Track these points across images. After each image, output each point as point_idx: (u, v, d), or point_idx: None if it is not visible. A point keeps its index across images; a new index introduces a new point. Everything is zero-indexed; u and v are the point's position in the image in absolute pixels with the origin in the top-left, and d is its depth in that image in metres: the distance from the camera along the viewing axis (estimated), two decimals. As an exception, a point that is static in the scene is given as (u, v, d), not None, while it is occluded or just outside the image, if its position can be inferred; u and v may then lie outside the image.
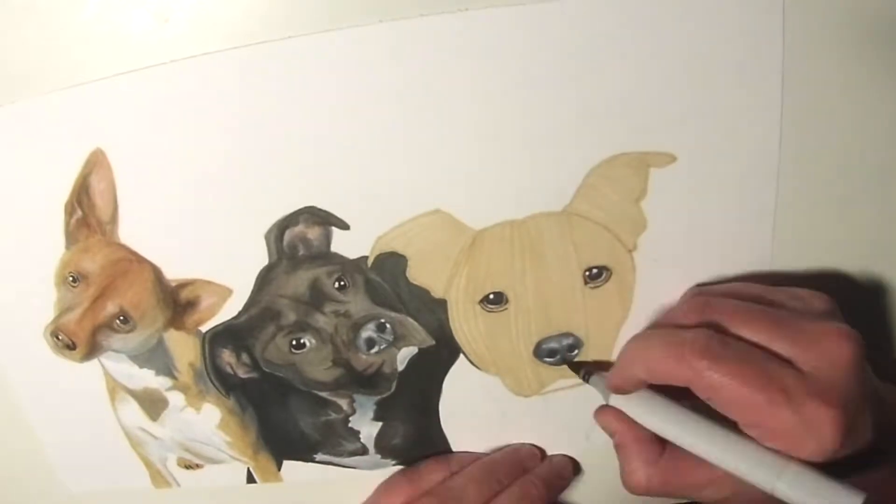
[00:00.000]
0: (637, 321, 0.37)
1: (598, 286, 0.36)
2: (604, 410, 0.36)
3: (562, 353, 0.38)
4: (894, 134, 0.34)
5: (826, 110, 0.34)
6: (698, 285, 0.36)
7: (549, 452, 0.40)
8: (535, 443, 0.40)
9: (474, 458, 0.40)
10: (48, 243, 0.36)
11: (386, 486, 0.39)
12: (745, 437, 0.31)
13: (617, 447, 0.35)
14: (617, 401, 0.35)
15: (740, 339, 0.31)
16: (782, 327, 0.31)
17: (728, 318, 0.32)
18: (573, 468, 0.41)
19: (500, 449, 0.40)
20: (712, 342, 0.31)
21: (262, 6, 0.32)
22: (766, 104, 0.34)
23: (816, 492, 0.29)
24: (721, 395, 0.30)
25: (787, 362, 0.30)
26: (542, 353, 0.37)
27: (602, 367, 0.37)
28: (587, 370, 0.37)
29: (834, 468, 0.30)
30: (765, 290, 0.34)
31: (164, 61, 0.33)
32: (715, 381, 0.30)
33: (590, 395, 0.38)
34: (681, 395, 0.33)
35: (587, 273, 0.36)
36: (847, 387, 0.30)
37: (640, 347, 0.34)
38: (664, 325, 0.35)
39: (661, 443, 0.34)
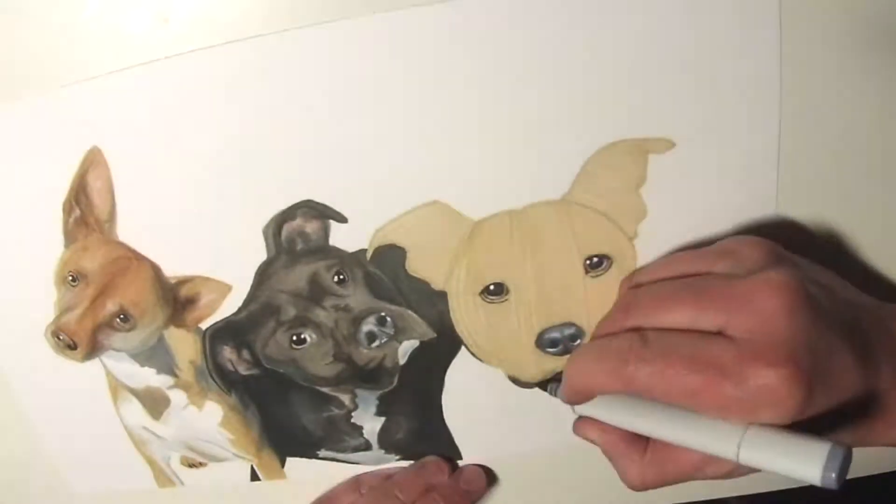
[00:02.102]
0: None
1: (598, 275, 0.36)
2: (578, 423, 0.35)
3: (564, 343, 0.37)
4: (893, 117, 0.34)
5: (826, 94, 0.34)
6: (633, 272, 0.36)
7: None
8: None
9: (383, 478, 0.40)
10: (47, 243, 0.36)
11: None
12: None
13: (605, 454, 0.35)
14: (581, 409, 0.35)
15: (666, 329, 0.30)
16: (705, 299, 0.30)
17: (650, 310, 0.31)
18: (484, 478, 0.40)
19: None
20: (634, 345, 0.30)
21: (261, 6, 0.32)
22: (766, 88, 0.33)
23: (778, 450, 0.28)
24: (658, 391, 0.29)
25: (718, 335, 0.29)
26: (544, 343, 0.37)
27: None
28: (552, 385, 0.37)
29: (832, 421, 0.29)
30: (692, 257, 0.33)
31: (164, 62, 0.32)
32: (646, 381, 0.29)
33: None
34: None
35: (588, 262, 0.36)
36: (792, 338, 0.27)
37: (576, 365, 0.33)
38: (600, 332, 0.35)
39: (644, 440, 0.34)
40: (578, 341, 0.37)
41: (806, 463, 0.27)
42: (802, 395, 0.27)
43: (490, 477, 0.41)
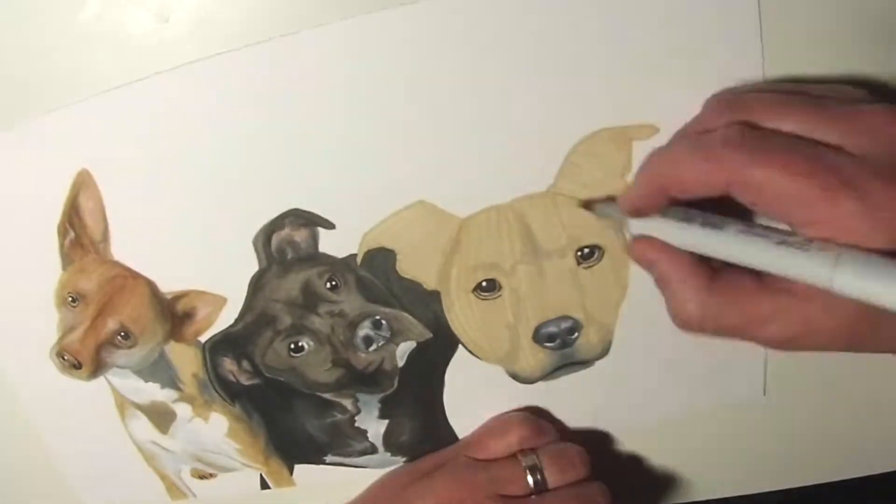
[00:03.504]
0: (636, 299, 0.37)
1: (591, 266, 0.36)
2: (637, 242, 0.31)
3: (561, 337, 0.37)
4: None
5: (808, 68, 0.33)
6: (722, 91, 0.32)
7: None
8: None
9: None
10: (46, 266, 0.37)
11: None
12: (796, 236, 0.27)
13: (659, 281, 0.31)
14: (639, 227, 0.31)
15: (779, 132, 0.27)
16: (826, 113, 0.27)
17: (762, 112, 0.28)
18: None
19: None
20: (747, 134, 0.27)
21: (262, 7, 0.32)
22: (747, 71, 0.33)
23: (882, 275, 0.24)
24: (767, 194, 0.26)
25: (837, 149, 0.26)
26: (541, 338, 0.37)
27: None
28: (599, 204, 0.34)
29: None
30: (799, 85, 0.30)
31: (164, 62, 0.33)
32: (758, 177, 0.26)
33: (595, 377, 0.38)
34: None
35: (579, 253, 0.36)
36: None
37: (662, 156, 0.29)
38: (687, 132, 0.31)
39: (711, 269, 0.30)
40: (576, 334, 0.37)
41: None
42: None
43: None
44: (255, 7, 0.32)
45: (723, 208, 0.29)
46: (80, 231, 0.36)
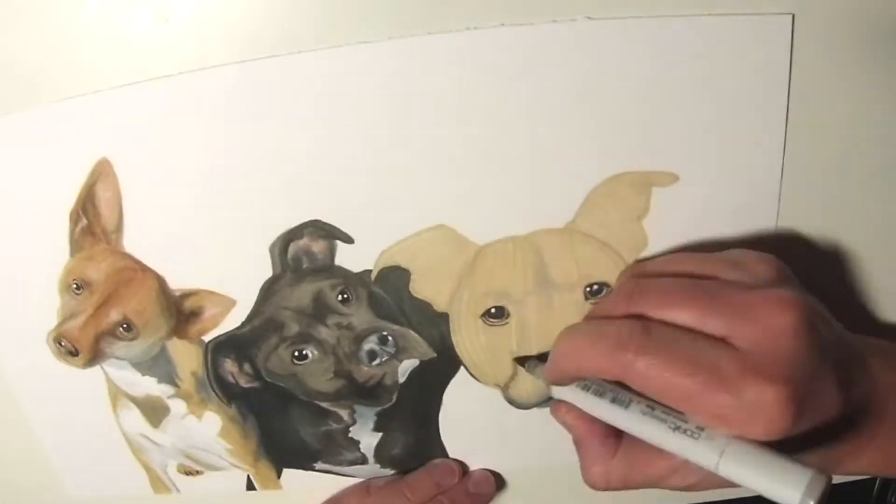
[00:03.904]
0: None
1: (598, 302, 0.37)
2: (557, 407, 0.34)
3: (562, 368, 0.38)
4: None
5: (831, 133, 0.34)
6: (636, 261, 0.35)
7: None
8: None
9: (393, 479, 0.40)
10: (53, 250, 0.36)
11: None
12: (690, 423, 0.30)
13: (574, 444, 0.34)
14: (561, 392, 0.34)
15: (669, 323, 0.29)
16: (714, 304, 0.29)
17: (656, 302, 0.30)
18: (493, 483, 0.41)
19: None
20: (635, 333, 0.29)
21: (262, 7, 0.32)
22: (770, 125, 0.34)
23: (760, 469, 0.27)
24: (653, 386, 0.28)
25: (721, 341, 0.28)
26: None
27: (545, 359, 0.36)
28: (531, 363, 0.37)
29: (801, 442, 0.29)
30: (701, 260, 0.32)
31: (164, 62, 0.33)
32: (643, 372, 0.28)
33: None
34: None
35: (588, 289, 0.37)
36: (793, 358, 0.27)
37: (568, 343, 0.32)
38: (597, 315, 0.33)
39: (618, 436, 0.33)
40: (576, 366, 0.38)
41: (787, 486, 0.27)
42: (793, 415, 0.27)
43: (498, 483, 0.42)
44: (255, 7, 0.32)
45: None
46: (93, 219, 0.36)
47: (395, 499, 0.39)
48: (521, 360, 0.37)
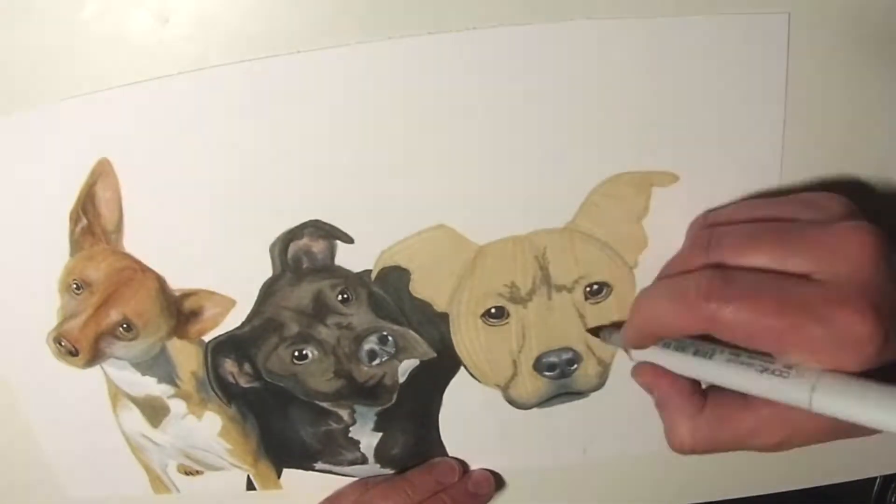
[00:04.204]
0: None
1: (598, 302, 0.37)
2: (638, 368, 0.34)
3: (561, 367, 0.38)
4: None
5: (829, 132, 0.34)
6: (706, 212, 0.34)
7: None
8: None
9: (389, 478, 0.40)
10: (53, 250, 0.36)
11: None
12: (777, 363, 0.29)
13: (658, 405, 0.33)
14: (640, 354, 0.33)
15: (750, 268, 0.29)
16: (792, 242, 0.29)
17: (733, 249, 0.30)
18: (493, 483, 0.41)
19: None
20: (716, 282, 0.29)
21: (262, 7, 0.32)
22: (769, 124, 0.34)
23: (857, 397, 0.26)
24: (742, 334, 0.28)
25: (804, 278, 0.28)
26: (541, 366, 0.38)
27: (620, 326, 0.36)
28: (606, 331, 0.36)
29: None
30: (773, 203, 0.32)
31: (164, 62, 0.33)
32: (729, 321, 0.28)
33: (588, 407, 0.39)
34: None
35: (588, 289, 0.37)
36: (877, 287, 0.27)
37: (648, 304, 0.32)
38: (671, 271, 0.33)
39: (703, 395, 0.32)
40: (575, 366, 0.38)
41: (888, 409, 0.26)
42: (882, 342, 0.27)
43: (498, 483, 0.42)
44: (255, 7, 0.32)
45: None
46: (93, 219, 0.36)
47: (395, 495, 0.39)
48: (595, 331, 0.37)
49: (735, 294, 0.28)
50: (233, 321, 0.37)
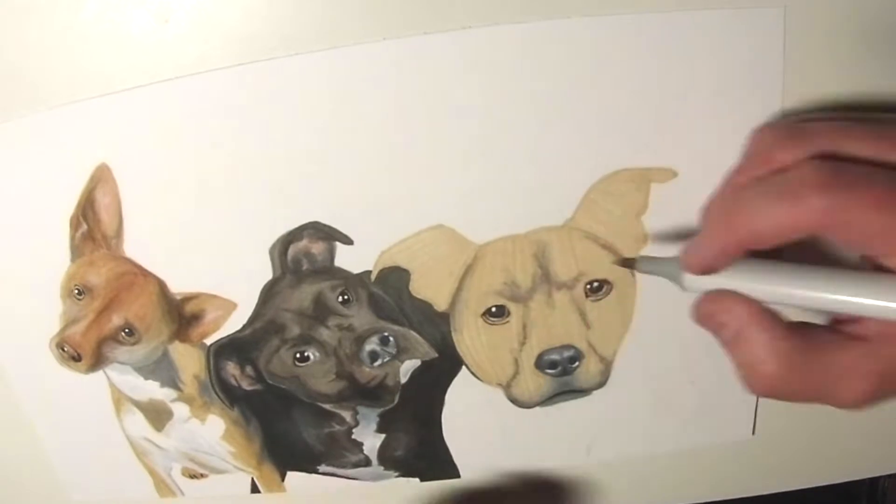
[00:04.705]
0: (638, 334, 0.38)
1: (599, 299, 0.37)
2: (708, 299, 0.29)
3: (563, 365, 0.38)
4: None
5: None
6: (767, 123, 0.30)
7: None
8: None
9: None
10: (54, 256, 0.37)
11: None
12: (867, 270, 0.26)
13: (731, 343, 0.28)
14: (699, 282, 0.29)
15: (855, 159, 0.26)
16: (890, 135, 0.26)
17: (833, 140, 0.26)
18: None
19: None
20: (826, 171, 0.25)
21: (261, 8, 0.32)
22: (766, 118, 0.34)
23: None
24: (857, 231, 0.25)
25: None
26: (543, 364, 0.38)
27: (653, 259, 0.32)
28: (642, 261, 0.32)
29: None
30: (849, 115, 0.29)
31: (163, 62, 0.33)
32: (845, 216, 0.24)
33: (591, 405, 0.39)
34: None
35: (588, 287, 0.36)
36: None
37: (733, 206, 0.27)
38: (739, 178, 0.29)
39: (788, 326, 0.28)
40: (577, 363, 0.38)
41: None
42: None
43: (499, 483, 0.41)
44: (255, 8, 0.32)
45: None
46: (93, 225, 0.36)
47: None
48: (628, 262, 0.33)
49: (852, 183, 0.25)
50: (234, 324, 0.37)
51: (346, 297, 0.36)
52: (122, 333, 0.38)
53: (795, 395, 0.28)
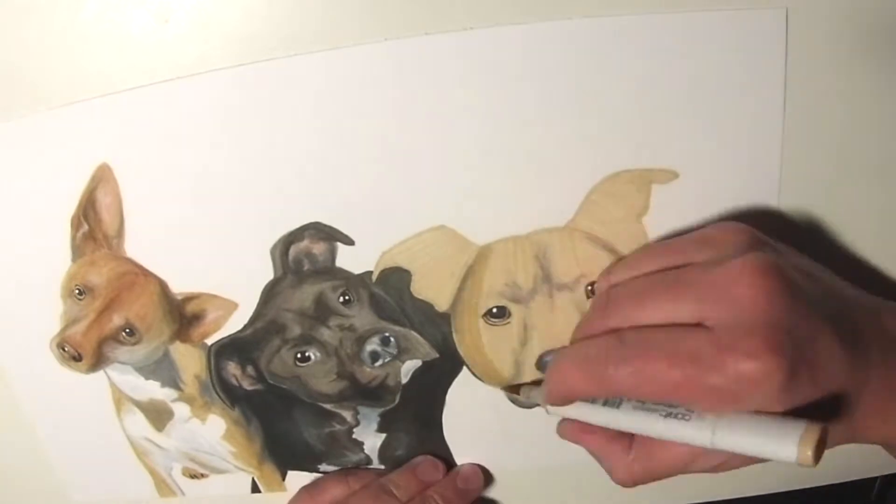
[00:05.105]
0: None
1: (600, 300, 0.37)
2: (562, 426, 0.35)
3: (564, 366, 0.38)
4: None
5: (828, 127, 0.34)
6: (605, 270, 0.35)
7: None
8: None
9: (374, 476, 0.40)
10: (55, 256, 0.37)
11: (290, 502, 0.41)
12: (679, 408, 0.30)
13: (592, 455, 0.34)
14: (561, 411, 0.34)
15: (644, 326, 0.30)
16: (680, 292, 0.29)
17: (627, 309, 0.31)
18: (482, 477, 0.41)
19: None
20: (611, 347, 0.30)
21: (261, 8, 0.32)
22: (768, 120, 0.34)
23: (753, 432, 0.27)
24: (643, 392, 0.29)
25: (697, 326, 0.28)
26: (544, 365, 0.38)
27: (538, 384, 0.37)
28: (525, 389, 0.38)
29: (825, 410, 0.28)
30: (668, 247, 0.32)
31: (163, 62, 0.33)
32: (627, 382, 0.29)
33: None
34: None
35: (589, 287, 0.37)
36: (771, 323, 0.27)
37: (557, 373, 0.32)
38: (578, 336, 0.34)
39: (628, 437, 0.33)
40: (578, 364, 0.38)
41: (781, 442, 0.27)
42: (783, 381, 0.26)
43: (500, 483, 0.42)
44: (255, 8, 0.32)
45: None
46: (94, 225, 0.36)
47: (384, 497, 0.38)
48: (515, 388, 0.38)
49: (627, 356, 0.29)
50: (235, 324, 0.37)
51: (347, 297, 0.36)
52: (123, 333, 0.38)
53: (657, 480, 0.33)
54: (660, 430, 0.30)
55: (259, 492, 0.42)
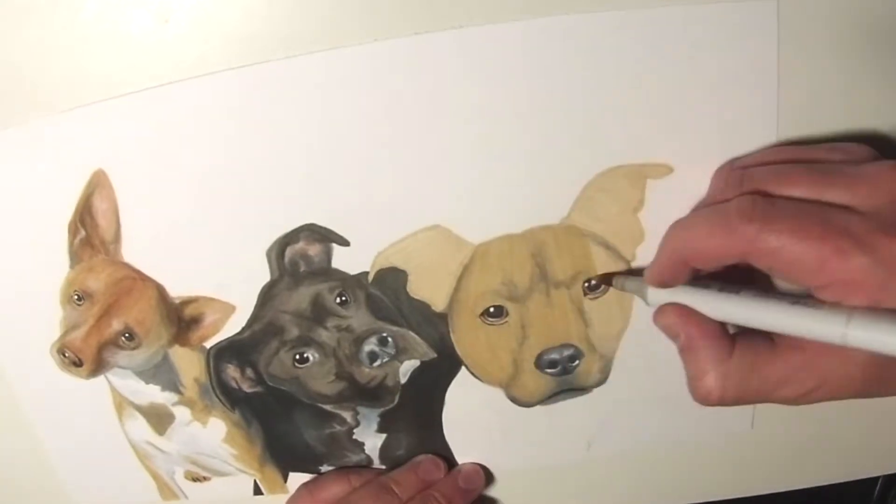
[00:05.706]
0: (637, 331, 0.37)
1: (597, 297, 0.37)
2: (664, 309, 0.32)
3: (563, 364, 0.38)
4: (891, 144, 0.34)
5: (823, 119, 0.34)
6: (733, 159, 0.33)
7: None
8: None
9: (375, 474, 0.40)
10: (53, 263, 0.37)
11: (290, 500, 0.41)
12: (808, 298, 0.28)
13: (682, 350, 0.32)
14: (658, 297, 0.32)
15: (789, 198, 0.29)
16: (830, 176, 0.28)
17: (771, 182, 0.29)
18: (483, 476, 0.41)
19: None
20: (758, 204, 0.28)
21: (261, 8, 0.32)
22: (763, 114, 0.34)
23: (892, 327, 0.25)
24: (782, 259, 0.27)
25: (845, 208, 0.27)
26: (543, 364, 0.38)
27: (634, 274, 0.35)
28: (619, 278, 0.35)
29: None
30: (800, 150, 0.32)
31: (163, 63, 0.33)
32: (771, 243, 0.27)
33: (592, 403, 0.39)
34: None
35: (586, 284, 0.36)
36: None
37: (681, 230, 0.31)
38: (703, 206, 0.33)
39: (732, 341, 0.31)
40: (577, 362, 0.38)
41: None
42: None
43: (500, 483, 0.42)
44: (255, 8, 0.32)
45: (740, 275, 0.31)
46: (91, 230, 0.36)
47: (384, 495, 0.38)
48: (607, 278, 0.36)
49: (778, 215, 0.27)
50: (233, 327, 0.37)
51: (343, 298, 0.36)
52: (123, 338, 0.38)
53: (736, 402, 0.31)
54: (783, 321, 0.28)
55: (261, 494, 0.42)
